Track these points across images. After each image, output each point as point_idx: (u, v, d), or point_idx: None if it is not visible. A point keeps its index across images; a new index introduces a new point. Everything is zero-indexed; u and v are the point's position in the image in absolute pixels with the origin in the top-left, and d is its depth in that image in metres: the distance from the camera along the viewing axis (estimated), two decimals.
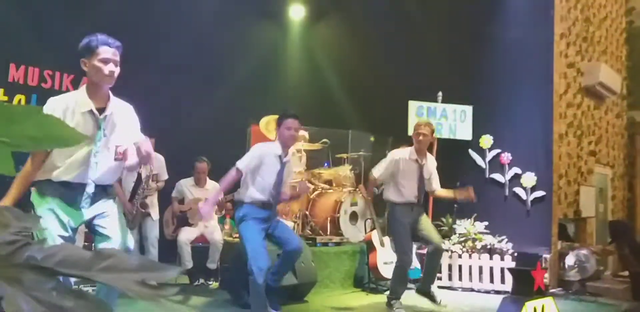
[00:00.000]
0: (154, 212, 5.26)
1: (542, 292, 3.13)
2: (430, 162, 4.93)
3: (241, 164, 4.01)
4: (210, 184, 5.79)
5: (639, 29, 10.05)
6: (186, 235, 5.44)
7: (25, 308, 0.58)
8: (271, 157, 4.07)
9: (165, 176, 5.46)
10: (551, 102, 6.61)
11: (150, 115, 6.25)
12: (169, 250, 5.38)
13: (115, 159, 2.73)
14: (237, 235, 5.20)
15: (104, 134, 2.67)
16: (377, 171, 4.83)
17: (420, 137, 4.72)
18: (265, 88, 7.70)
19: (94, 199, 2.64)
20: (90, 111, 2.65)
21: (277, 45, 8.34)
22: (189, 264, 5.39)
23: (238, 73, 7.38)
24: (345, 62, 8.17)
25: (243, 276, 4.14)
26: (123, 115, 2.79)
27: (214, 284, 5.48)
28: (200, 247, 5.50)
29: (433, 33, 7.47)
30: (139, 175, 5.06)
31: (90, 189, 2.62)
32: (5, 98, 5.73)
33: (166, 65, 6.65)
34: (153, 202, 5.31)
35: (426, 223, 4.82)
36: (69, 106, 2.62)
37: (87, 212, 2.63)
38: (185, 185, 5.76)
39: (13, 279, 0.61)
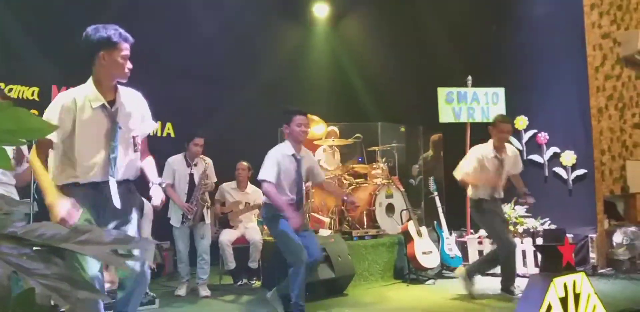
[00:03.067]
0: (207, 217, 5.36)
1: (572, 268, 3.01)
2: (511, 153, 5.00)
3: (269, 176, 4.07)
4: (251, 187, 5.92)
5: None
6: (227, 236, 5.60)
7: None
8: (286, 159, 4.17)
9: (214, 179, 5.50)
10: (586, 76, 6.37)
11: (184, 119, 6.62)
12: (210, 251, 5.55)
13: (135, 151, 2.69)
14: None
15: (120, 127, 2.61)
16: (468, 169, 4.84)
17: (504, 135, 4.87)
18: (292, 87, 7.80)
19: (120, 195, 2.57)
20: (103, 105, 2.58)
21: (302, 44, 8.43)
22: (232, 264, 5.57)
23: (267, 73, 7.53)
24: (368, 54, 8.17)
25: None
26: (133, 104, 2.72)
27: (256, 283, 5.63)
28: (241, 248, 5.66)
29: (457, 15, 7.34)
30: (192, 176, 5.25)
31: (113, 185, 2.56)
32: None
33: (199, 74, 6.89)
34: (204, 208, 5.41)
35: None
36: (77, 103, 2.54)
37: (113, 211, 2.56)
38: (227, 188, 5.93)
39: None
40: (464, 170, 4.83)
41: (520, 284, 4.75)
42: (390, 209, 6.23)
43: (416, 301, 4.76)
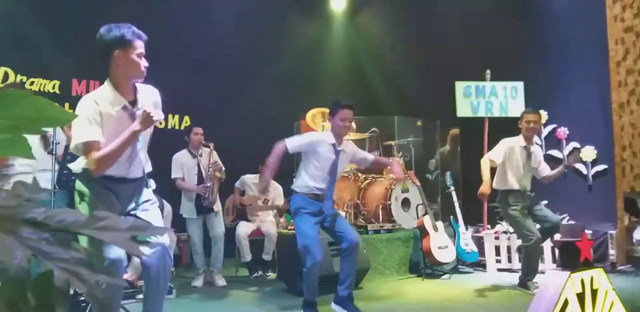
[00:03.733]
0: (216, 206, 5.41)
1: (590, 264, 2.97)
2: (538, 150, 5.05)
3: (290, 142, 4.00)
4: (273, 184, 5.91)
5: None
6: (244, 229, 5.65)
7: (17, 252, 0.71)
8: (324, 145, 4.03)
9: (224, 169, 5.52)
10: (607, 70, 6.27)
11: (201, 113, 6.66)
12: (226, 243, 5.59)
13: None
14: (292, 227, 5.36)
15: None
16: (494, 156, 4.89)
17: (531, 125, 4.89)
18: (309, 81, 7.80)
19: (142, 189, 2.67)
20: (125, 107, 2.59)
21: (319, 38, 8.41)
22: (248, 257, 5.63)
23: (284, 67, 7.53)
24: (385, 48, 8.14)
25: (298, 267, 4.28)
26: (150, 100, 2.71)
27: (272, 275, 5.67)
28: (257, 240, 5.70)
29: (476, 8, 7.26)
30: (199, 167, 5.35)
31: (141, 181, 2.66)
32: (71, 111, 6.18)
33: (217, 67, 6.92)
34: (215, 195, 5.43)
35: (542, 207, 4.94)
36: (102, 106, 2.53)
37: (136, 204, 2.66)
38: (249, 181, 5.96)
39: (10, 231, 0.74)
40: (490, 156, 4.89)
41: (538, 281, 4.71)
42: (406, 203, 6.22)
43: (431, 295, 4.75)
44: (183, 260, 6.34)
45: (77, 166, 2.62)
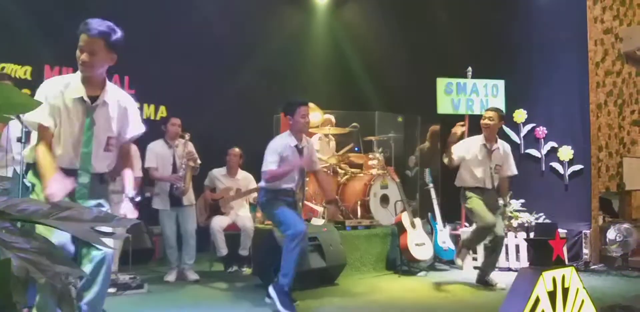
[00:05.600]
0: (189, 199, 5.33)
1: (561, 262, 2.98)
2: (504, 149, 5.06)
3: (272, 165, 4.07)
4: (242, 173, 5.88)
5: None
6: (219, 223, 5.56)
7: None
8: (288, 150, 4.16)
9: (199, 160, 5.45)
10: (587, 71, 6.33)
11: (178, 103, 6.53)
12: (201, 238, 5.51)
13: (105, 150, 2.64)
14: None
15: (94, 123, 2.58)
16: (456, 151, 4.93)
17: (485, 121, 4.93)
18: (290, 74, 7.71)
19: (89, 187, 2.57)
20: (81, 98, 2.56)
21: (302, 30, 8.32)
22: (223, 251, 5.54)
23: (263, 59, 7.43)
24: (368, 42, 8.08)
25: (274, 262, 4.25)
26: (119, 106, 2.67)
27: (247, 270, 5.60)
28: (232, 235, 5.61)
29: (459, 5, 7.26)
30: (174, 158, 5.28)
31: (84, 179, 2.55)
32: None
33: (196, 58, 6.79)
34: (189, 190, 5.39)
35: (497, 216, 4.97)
36: (60, 90, 2.53)
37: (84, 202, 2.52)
38: (217, 174, 5.87)
39: None
40: (450, 155, 4.91)
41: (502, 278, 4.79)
42: (384, 199, 6.20)
43: (407, 292, 4.74)
44: (156, 254, 6.22)
45: (30, 155, 2.58)
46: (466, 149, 4.93)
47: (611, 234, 5.71)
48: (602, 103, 6.58)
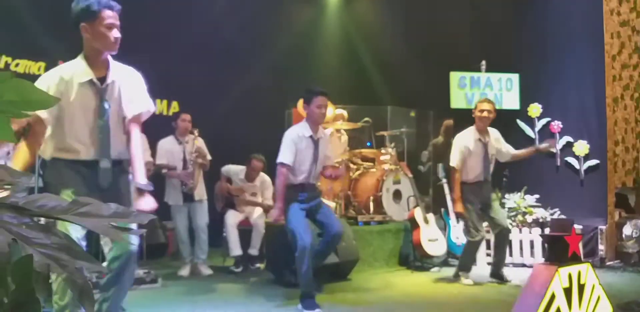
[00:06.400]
0: (200, 194, 5.33)
1: (577, 259, 2.95)
2: (494, 137, 5.01)
3: (285, 159, 4.02)
4: (260, 178, 5.79)
5: None
6: (233, 219, 5.54)
7: None
8: (303, 140, 4.09)
9: (208, 155, 5.47)
10: (602, 64, 6.23)
11: (190, 99, 6.54)
12: (215, 233, 5.52)
13: (123, 133, 2.54)
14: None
15: (108, 105, 2.47)
16: (455, 161, 4.88)
17: (485, 114, 4.86)
18: (302, 69, 7.68)
19: (110, 175, 2.46)
20: (91, 81, 2.44)
21: (313, 25, 8.27)
22: (237, 251, 5.39)
23: (275, 54, 7.42)
24: (380, 36, 8.01)
25: (287, 257, 4.25)
26: (127, 83, 2.55)
27: (260, 266, 5.58)
28: (244, 231, 5.55)
29: None
30: (184, 154, 5.28)
31: (104, 164, 2.44)
32: None
33: (208, 53, 6.79)
34: (200, 185, 5.39)
35: (496, 207, 5.00)
36: (64, 78, 2.41)
37: (104, 189, 2.44)
38: (236, 176, 5.73)
39: None
40: (454, 162, 4.88)
41: (524, 274, 4.70)
42: (397, 195, 6.16)
43: (420, 288, 4.73)
44: (170, 249, 6.25)
45: (45, 152, 2.50)
46: (467, 152, 4.86)
47: (627, 230, 5.64)
48: (618, 97, 6.48)
